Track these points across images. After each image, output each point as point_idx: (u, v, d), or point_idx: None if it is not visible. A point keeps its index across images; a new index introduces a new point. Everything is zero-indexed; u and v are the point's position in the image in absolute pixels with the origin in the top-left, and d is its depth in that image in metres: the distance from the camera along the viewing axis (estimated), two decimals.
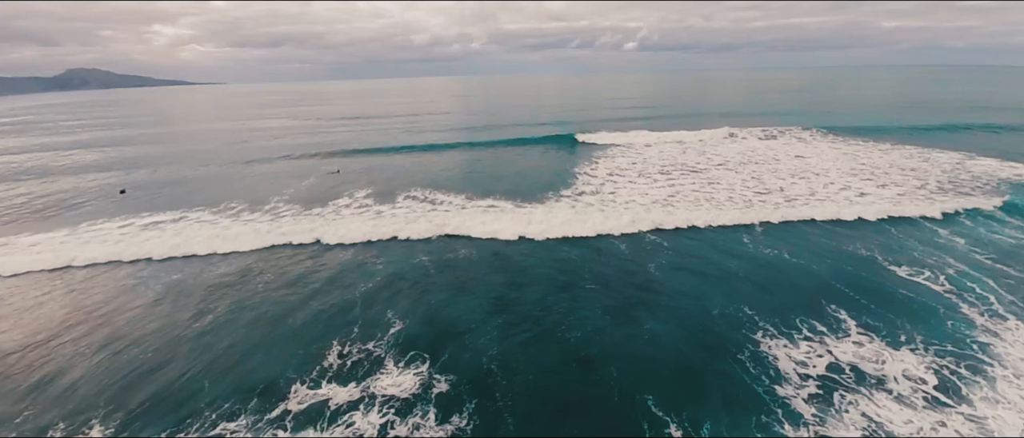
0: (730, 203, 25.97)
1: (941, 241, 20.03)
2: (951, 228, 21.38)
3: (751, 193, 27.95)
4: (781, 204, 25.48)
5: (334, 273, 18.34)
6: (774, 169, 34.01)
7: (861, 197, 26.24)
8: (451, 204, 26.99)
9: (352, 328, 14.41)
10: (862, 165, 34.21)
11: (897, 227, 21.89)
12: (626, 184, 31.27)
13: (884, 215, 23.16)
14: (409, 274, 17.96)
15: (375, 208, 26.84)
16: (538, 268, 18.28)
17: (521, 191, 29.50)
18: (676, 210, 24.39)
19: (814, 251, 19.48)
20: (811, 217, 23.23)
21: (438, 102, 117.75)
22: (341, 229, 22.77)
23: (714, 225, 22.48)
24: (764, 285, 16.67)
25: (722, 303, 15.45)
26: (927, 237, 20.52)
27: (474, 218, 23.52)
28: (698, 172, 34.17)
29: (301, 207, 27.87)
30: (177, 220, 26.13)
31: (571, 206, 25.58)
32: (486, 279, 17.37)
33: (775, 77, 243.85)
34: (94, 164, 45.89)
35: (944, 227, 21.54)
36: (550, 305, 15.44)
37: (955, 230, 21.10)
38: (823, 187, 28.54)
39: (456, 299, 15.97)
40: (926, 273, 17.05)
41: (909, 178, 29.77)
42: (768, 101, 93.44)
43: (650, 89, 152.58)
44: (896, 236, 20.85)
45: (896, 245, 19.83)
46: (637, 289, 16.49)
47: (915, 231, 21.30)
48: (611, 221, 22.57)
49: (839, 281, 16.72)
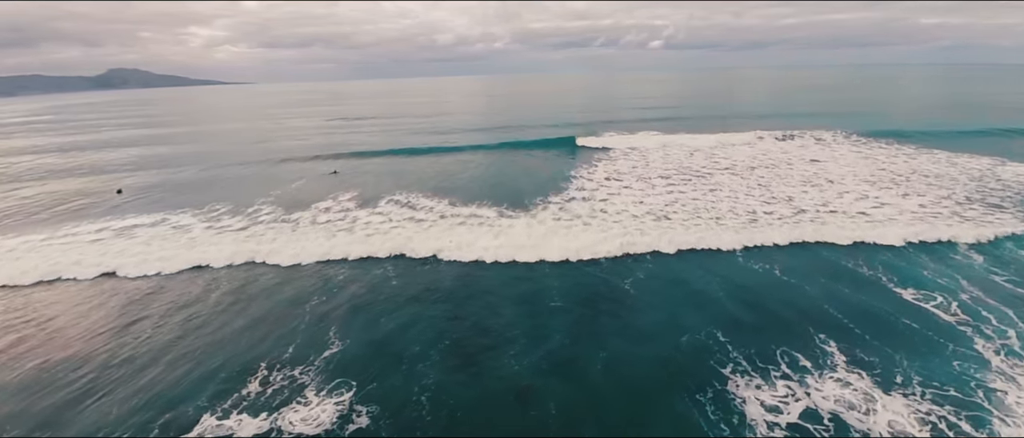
0: (730, 215, 24.05)
1: (957, 259, 17.82)
2: (969, 244, 19.06)
3: (755, 201, 25.93)
4: (786, 217, 23.45)
5: (283, 291, 17.21)
6: (785, 175, 31.76)
7: (876, 209, 23.97)
8: (431, 211, 25.88)
9: (286, 350, 13.41)
10: (882, 171, 31.62)
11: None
12: (621, 189, 29.61)
13: (900, 241, 19.63)
14: (363, 294, 16.69)
15: (353, 214, 25.97)
16: (499, 290, 16.73)
17: (508, 197, 28.18)
18: (660, 229, 21.68)
19: (807, 269, 17.57)
20: (815, 239, 20.19)
21: (451, 102, 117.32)
22: (293, 248, 20.74)
23: (698, 248, 19.74)
24: (745, 307, 14.95)
25: (693, 328, 13.83)
26: (941, 254, 18.31)
27: (446, 233, 21.92)
28: (702, 177, 32.20)
29: (283, 211, 27.25)
30: (156, 224, 25.83)
31: (555, 218, 24.02)
32: (442, 302, 15.98)
33: (804, 76, 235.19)
34: (103, 163, 46.65)
35: (961, 243, 19.23)
36: (502, 330, 14.11)
37: (974, 247, 18.79)
38: (837, 197, 26.26)
39: (405, 322, 14.74)
40: (937, 298, 15.01)
41: (933, 186, 27.19)
42: (791, 101, 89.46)
43: (670, 89, 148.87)
44: (904, 252, 18.71)
45: (903, 263, 17.74)
46: (600, 311, 15.01)
47: (926, 247, 19.09)
48: (584, 241, 20.20)
49: (832, 305, 14.86)
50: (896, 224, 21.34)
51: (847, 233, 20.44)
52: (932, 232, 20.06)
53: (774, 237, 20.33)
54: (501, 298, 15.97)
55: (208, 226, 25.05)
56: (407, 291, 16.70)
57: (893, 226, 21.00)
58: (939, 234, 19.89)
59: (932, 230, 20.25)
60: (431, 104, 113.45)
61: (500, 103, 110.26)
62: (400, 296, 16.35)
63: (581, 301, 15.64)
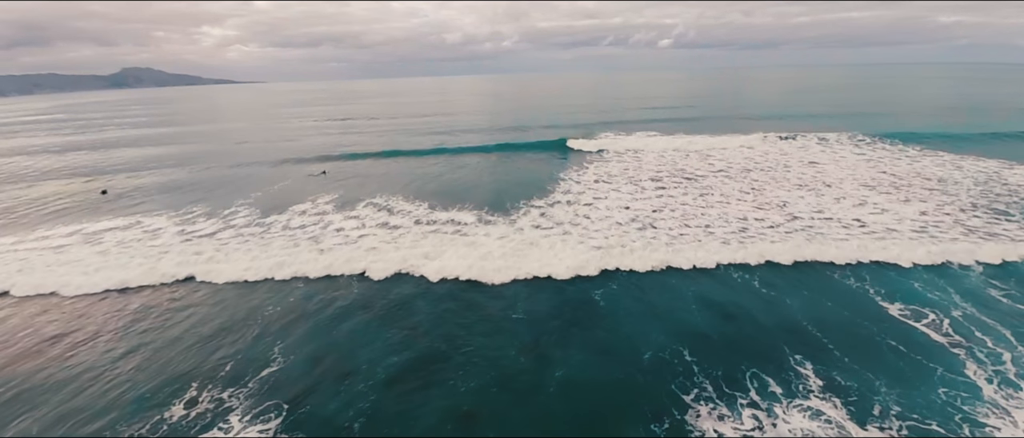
0: (719, 221, 22.96)
1: (953, 270, 16.62)
2: (968, 254, 17.81)
3: (747, 206, 24.80)
4: (777, 225, 22.32)
5: (230, 308, 16.10)
6: (781, 178, 30.53)
7: (874, 215, 22.75)
8: (407, 216, 25.07)
9: (223, 368, 12.63)
10: (883, 174, 30.27)
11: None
12: (609, 192, 28.59)
13: (892, 258, 17.50)
14: (314, 312, 15.49)
15: (328, 218, 25.24)
16: (459, 309, 15.49)
17: (491, 201, 27.33)
18: (642, 240, 20.22)
19: (788, 281, 16.48)
20: (802, 258, 17.99)
21: (451, 103, 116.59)
22: (247, 260, 19.46)
23: (675, 266, 17.98)
24: (718, 324, 13.92)
25: (660, 347, 12.85)
26: (935, 265, 17.10)
27: (417, 244, 20.71)
28: (694, 179, 31.08)
29: (258, 214, 26.62)
30: (128, 227, 25.34)
31: (535, 224, 22.93)
32: (396, 321, 14.81)
33: (815, 75, 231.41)
34: (97, 163, 46.44)
35: (960, 252, 17.97)
36: (454, 350, 13.14)
37: (972, 259, 17.52)
38: (834, 202, 25.03)
39: (353, 342, 13.78)
40: (928, 315, 13.89)
41: (935, 192, 25.83)
42: (797, 101, 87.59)
43: (675, 89, 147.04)
44: (895, 262, 17.52)
45: (892, 273, 16.59)
46: (563, 329, 14.02)
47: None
48: (557, 258, 18.38)
49: (812, 321, 13.78)
50: (894, 237, 20.07)
51: (835, 251, 18.21)
52: (933, 247, 18.39)
53: (759, 252, 18.54)
54: (459, 317, 14.93)
55: (179, 230, 24.46)
56: (361, 310, 15.64)
57: (890, 240, 19.64)
58: (940, 249, 18.07)
59: (933, 243, 18.75)
60: (431, 104, 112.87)
61: (500, 103, 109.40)
62: (352, 315, 15.28)
63: (543, 318, 14.64)
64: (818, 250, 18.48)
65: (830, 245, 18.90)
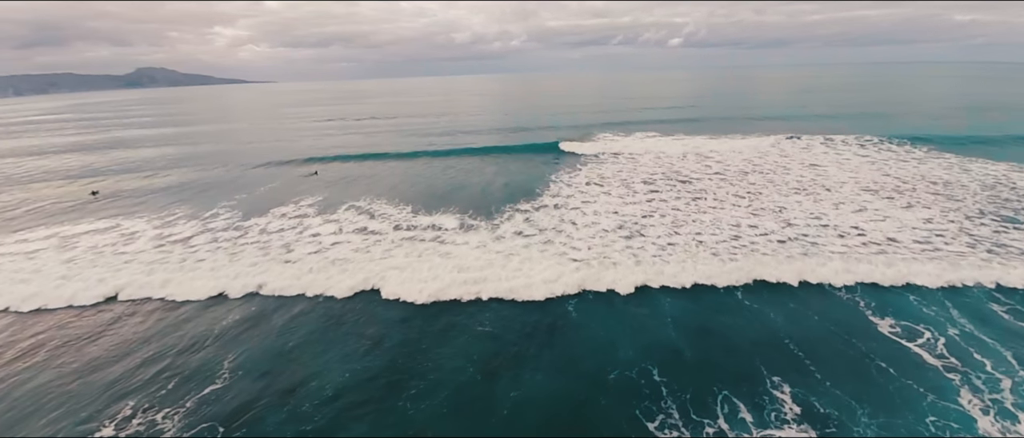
0: (710, 228, 22.00)
1: (953, 285, 15.54)
2: (970, 269, 16.70)
3: (741, 212, 23.78)
4: (769, 232, 21.32)
5: (186, 325, 15.35)
6: (780, 181, 29.41)
7: (875, 223, 21.66)
8: (387, 220, 24.41)
9: (164, 387, 12.00)
10: (887, 177, 29.04)
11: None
12: (600, 195, 27.71)
13: (888, 280, 15.82)
14: (270, 330, 14.69)
15: (307, 221, 24.67)
16: (420, 327, 14.52)
17: (476, 204, 26.61)
18: (626, 253, 19.03)
19: (773, 292, 15.54)
20: (796, 281, 16.10)
21: (453, 103, 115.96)
22: (209, 277, 18.42)
23: (653, 286, 16.23)
24: (693, 339, 13.03)
25: (626, 363, 12.01)
26: None
27: (389, 253, 19.68)
28: (688, 182, 30.08)
29: (239, 217, 26.16)
30: (106, 230, 24.98)
31: (517, 230, 22.03)
32: (352, 340, 13.97)
33: (826, 74, 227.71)
34: (96, 163, 46.36)
35: (963, 266, 16.87)
36: (409, 370, 12.39)
37: (975, 273, 16.40)
38: (833, 207, 23.92)
39: (308, 359, 13.05)
40: (922, 334, 12.89)
41: (939, 197, 24.61)
42: (806, 100, 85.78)
43: (683, 88, 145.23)
44: None
45: (887, 288, 15.55)
46: (525, 346, 13.24)
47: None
48: (529, 274, 17.07)
49: (794, 338, 12.85)
50: (894, 249, 18.99)
51: (827, 272, 16.44)
52: (933, 266, 16.92)
53: (746, 271, 16.79)
54: (419, 337, 14.05)
55: (157, 233, 24.02)
56: (318, 328, 14.84)
57: (889, 255, 18.41)
58: (941, 271, 16.25)
59: (935, 261, 17.39)
60: (432, 105, 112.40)
61: (501, 103, 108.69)
62: (307, 333, 14.53)
63: (508, 337, 13.78)
64: (809, 269, 16.89)
65: (822, 263, 17.34)
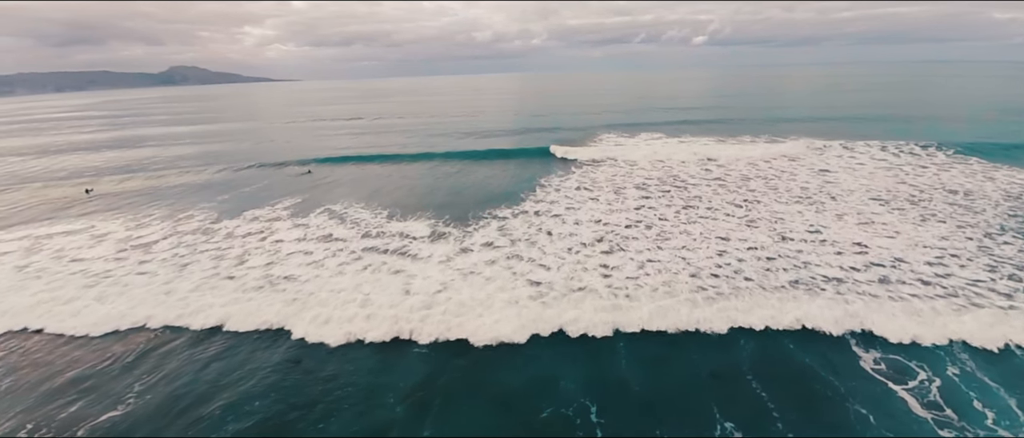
0: (699, 242, 20.36)
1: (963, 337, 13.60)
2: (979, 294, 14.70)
3: (733, 223, 22.04)
4: (759, 248, 19.55)
5: (87, 358, 13.90)
6: (783, 188, 27.42)
7: (883, 240, 19.69)
8: (356, 226, 23.46)
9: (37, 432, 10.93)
10: (901, 185, 26.74)
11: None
12: (587, 200, 26.32)
13: (881, 329, 12.69)
14: (176, 367, 13.22)
15: (276, 225, 23.99)
16: (340, 370, 12.67)
17: (454, 210, 25.53)
18: (596, 274, 16.89)
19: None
20: (775, 327, 13.16)
21: (464, 102, 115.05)
22: (128, 301, 16.55)
23: (606, 334, 13.44)
24: (641, 372, 11.51)
25: (563, 399, 10.59)
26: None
27: (339, 276, 17.68)
28: (684, 188, 28.34)
29: (212, 218, 25.69)
30: (78, 232, 24.73)
31: (487, 241, 20.50)
32: (264, 381, 12.34)
33: (856, 74, 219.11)
34: (101, 162, 46.88)
35: (975, 294, 14.88)
36: (309, 419, 10.98)
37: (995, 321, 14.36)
38: (836, 219, 21.91)
39: (201, 404, 11.64)
40: (914, 375, 11.13)
41: (957, 208, 22.34)
42: (829, 101, 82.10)
43: (701, 87, 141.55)
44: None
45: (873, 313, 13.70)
46: (449, 386, 11.86)
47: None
48: (487, 310, 14.74)
49: (759, 373, 11.22)
50: (898, 276, 17.05)
51: (812, 311, 13.52)
52: (944, 306, 14.37)
53: (719, 311, 13.94)
54: (332, 381, 12.28)
55: (125, 235, 23.61)
56: (225, 369, 13.00)
57: (891, 285, 16.31)
58: (954, 321, 12.96)
59: (947, 294, 15.13)
60: (443, 104, 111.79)
61: (513, 103, 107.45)
62: (209, 374, 12.80)
63: (429, 375, 12.24)
64: (784, 309, 13.91)
65: (808, 297, 14.64)
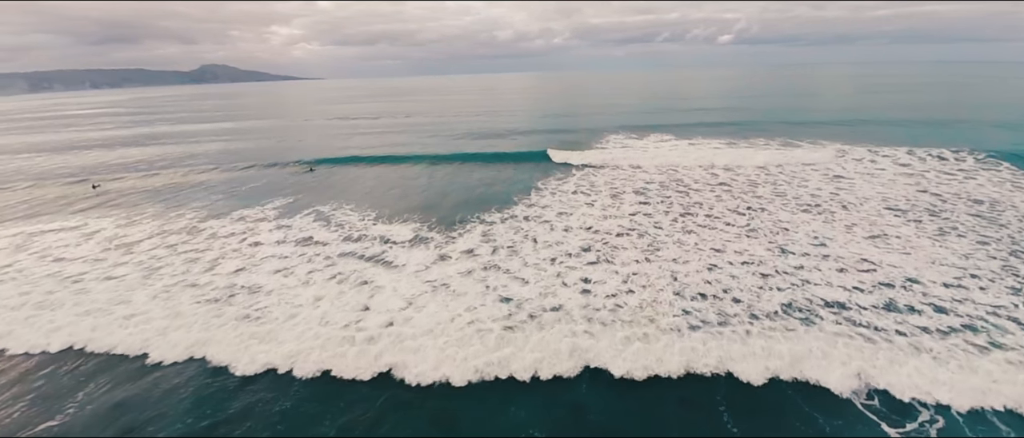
0: (692, 253, 19.15)
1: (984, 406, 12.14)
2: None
3: (731, 233, 20.66)
4: (752, 262, 18.20)
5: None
6: (792, 195, 25.79)
7: (892, 256, 18.11)
8: (340, 229, 22.95)
9: None
10: (922, 194, 24.81)
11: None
12: (581, 206, 25.28)
13: (885, 382, 10.73)
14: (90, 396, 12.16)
15: (262, 225, 23.75)
16: (260, 409, 11.34)
17: (443, 213, 24.97)
18: (567, 297, 16.69)
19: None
20: (745, 379, 11.23)
21: (478, 102, 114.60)
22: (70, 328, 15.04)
23: (570, 375, 11.86)
24: (589, 420, 10.47)
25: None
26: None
27: (305, 287, 16.59)
28: (686, 193, 27.01)
29: (198, 219, 25.53)
30: (71, 229, 24.86)
31: (467, 249, 19.32)
32: (174, 413, 11.28)
33: (889, 73, 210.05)
34: (115, 159, 47.86)
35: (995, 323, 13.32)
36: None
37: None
38: (845, 231, 20.23)
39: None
40: (917, 415, 9.82)
41: (981, 221, 20.45)
42: (856, 102, 78.60)
43: (722, 87, 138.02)
44: None
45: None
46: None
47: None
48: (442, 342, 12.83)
49: (733, 415, 10.08)
50: (907, 301, 15.55)
51: (796, 345, 11.87)
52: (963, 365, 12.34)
53: (680, 352, 12.15)
54: (246, 417, 11.09)
55: (113, 234, 23.59)
56: (135, 399, 11.87)
57: (897, 320, 14.81)
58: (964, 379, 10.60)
59: (964, 328, 13.71)
60: (457, 103, 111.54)
61: (527, 102, 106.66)
62: (111, 411, 11.59)
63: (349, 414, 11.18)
64: (777, 344, 12.17)
65: (805, 328, 13.27)
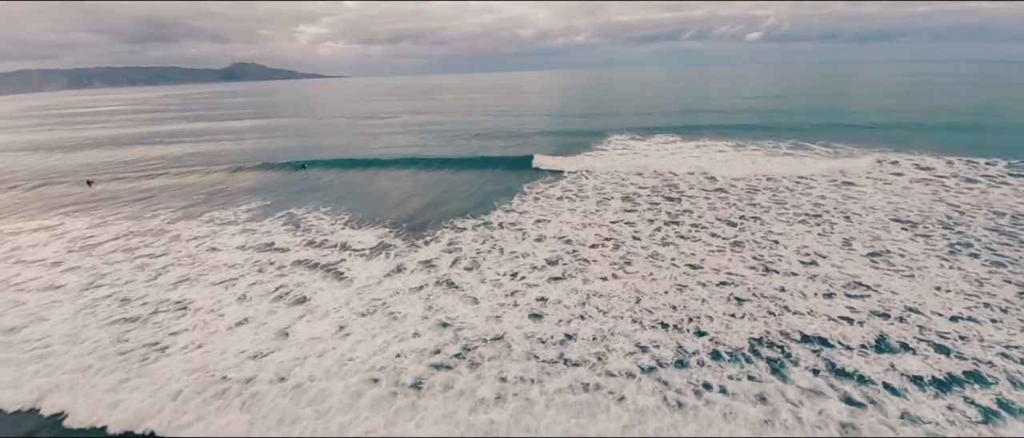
0: (666, 269, 17.59)
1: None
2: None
3: (716, 245, 18.99)
4: (728, 282, 16.51)
5: None
6: (791, 202, 23.81)
7: (891, 279, 16.17)
8: (304, 234, 22.13)
9: None
10: (937, 203, 22.49)
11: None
12: (563, 211, 23.88)
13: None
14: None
15: (228, 228, 23.11)
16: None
17: (417, 217, 24.00)
18: (514, 321, 15.39)
19: None
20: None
21: (484, 102, 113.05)
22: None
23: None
24: None
25: None
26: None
27: (230, 308, 15.63)
28: (676, 200, 25.24)
29: (175, 217, 25.14)
30: (44, 230, 24.69)
31: (426, 260, 18.55)
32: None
33: (930, 73, 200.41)
34: (123, 156, 48.51)
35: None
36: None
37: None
38: (842, 246, 18.17)
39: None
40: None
41: (1000, 236, 18.20)
42: (889, 103, 74.10)
43: (742, 86, 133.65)
44: None
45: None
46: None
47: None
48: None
49: None
50: (902, 332, 13.67)
51: (760, 411, 10.19)
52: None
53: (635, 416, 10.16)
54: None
55: (79, 234, 23.26)
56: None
57: (893, 356, 13.11)
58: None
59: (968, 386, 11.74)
60: (468, 103, 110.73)
61: (534, 102, 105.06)
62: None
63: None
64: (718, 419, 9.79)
65: (772, 376, 12.11)
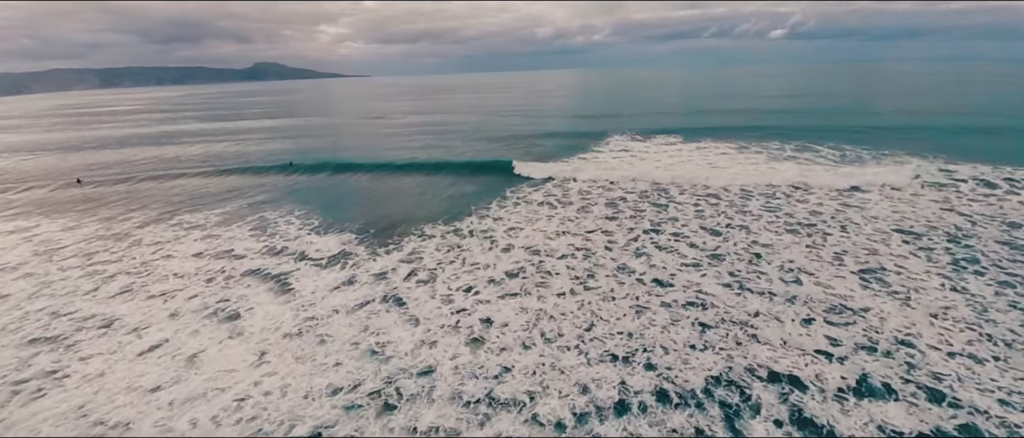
0: (620, 294, 16.31)
1: None
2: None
3: (690, 258, 17.56)
4: (705, 306, 15.12)
5: None
6: (784, 211, 22.13)
7: (887, 302, 14.57)
8: (273, 238, 21.49)
9: None
10: (946, 213, 20.55)
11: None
12: (543, 217, 22.83)
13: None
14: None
15: (192, 233, 22.58)
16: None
17: (386, 224, 23.05)
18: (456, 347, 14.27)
19: None
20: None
21: (491, 102, 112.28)
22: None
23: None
24: None
25: None
26: None
27: (149, 331, 15.98)
28: (661, 206, 23.80)
29: (146, 220, 24.91)
30: (21, 231, 24.67)
31: (379, 272, 17.55)
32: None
33: (965, 72, 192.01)
34: (119, 156, 48.98)
35: None
36: None
37: None
38: (832, 262, 16.55)
39: None
40: None
41: (1010, 250, 16.31)
42: (912, 105, 70.43)
43: (761, 86, 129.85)
44: None
45: None
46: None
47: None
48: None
49: None
50: (883, 377, 12.12)
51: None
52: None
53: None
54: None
55: (51, 237, 23.13)
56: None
57: (880, 406, 11.57)
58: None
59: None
60: (475, 102, 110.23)
61: (540, 102, 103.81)
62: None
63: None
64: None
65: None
